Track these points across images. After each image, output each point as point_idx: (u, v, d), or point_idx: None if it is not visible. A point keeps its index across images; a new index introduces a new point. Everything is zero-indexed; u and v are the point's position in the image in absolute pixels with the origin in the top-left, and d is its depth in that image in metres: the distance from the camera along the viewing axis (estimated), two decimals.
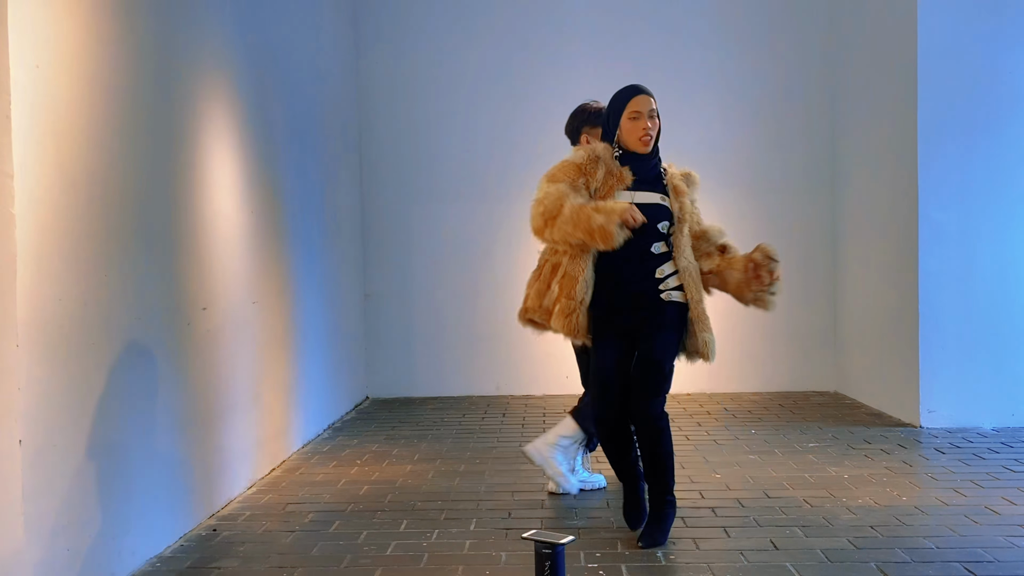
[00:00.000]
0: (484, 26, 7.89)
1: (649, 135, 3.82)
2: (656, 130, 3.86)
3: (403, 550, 3.80)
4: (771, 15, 7.83)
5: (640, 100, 3.83)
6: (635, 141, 3.82)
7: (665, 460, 3.85)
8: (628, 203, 3.70)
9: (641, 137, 3.81)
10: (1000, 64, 6.10)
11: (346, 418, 6.89)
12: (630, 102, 3.83)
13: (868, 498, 4.44)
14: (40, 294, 2.98)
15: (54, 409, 3.05)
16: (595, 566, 3.56)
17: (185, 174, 4.19)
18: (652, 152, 3.88)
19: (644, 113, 3.81)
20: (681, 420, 6.49)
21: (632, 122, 3.82)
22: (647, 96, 3.85)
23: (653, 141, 3.85)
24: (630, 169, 3.83)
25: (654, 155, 3.90)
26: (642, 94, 3.85)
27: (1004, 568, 3.47)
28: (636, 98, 3.83)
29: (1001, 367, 6.12)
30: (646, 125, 3.81)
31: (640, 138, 3.81)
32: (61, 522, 3.08)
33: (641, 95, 3.84)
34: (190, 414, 4.15)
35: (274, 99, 5.57)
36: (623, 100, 3.86)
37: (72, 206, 3.19)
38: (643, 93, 3.85)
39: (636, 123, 3.81)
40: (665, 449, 3.84)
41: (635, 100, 3.83)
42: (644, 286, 3.82)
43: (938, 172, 6.12)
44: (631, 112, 3.82)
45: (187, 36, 4.26)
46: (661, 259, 3.84)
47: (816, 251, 7.76)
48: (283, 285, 5.62)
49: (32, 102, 2.96)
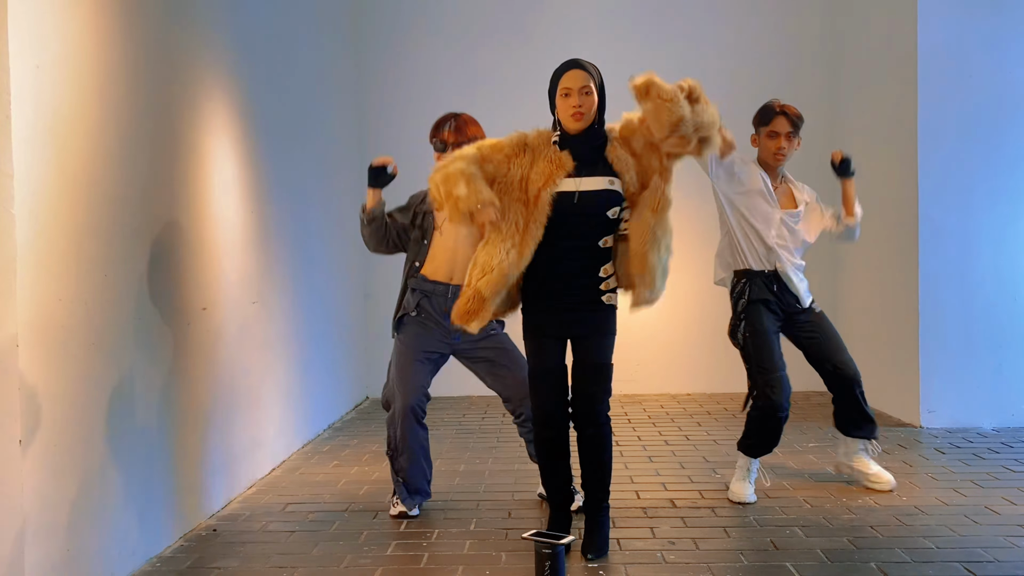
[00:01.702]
0: (486, 25, 7.89)
1: (579, 112, 3.59)
2: (591, 106, 3.61)
3: (403, 550, 3.80)
4: (771, 15, 7.83)
5: (570, 76, 3.62)
6: (567, 119, 3.62)
7: (609, 466, 3.77)
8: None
9: (572, 115, 3.60)
10: (1000, 64, 6.10)
11: (346, 418, 6.89)
12: (561, 79, 3.64)
13: (868, 498, 4.44)
14: (40, 294, 2.98)
15: (54, 409, 3.05)
16: (595, 566, 3.56)
17: (185, 174, 4.19)
18: (592, 131, 3.65)
19: (575, 89, 3.59)
20: (681, 420, 6.50)
21: (564, 99, 3.62)
22: (579, 71, 3.63)
23: (587, 118, 3.61)
24: (571, 153, 3.62)
25: (596, 134, 3.67)
26: (573, 69, 3.63)
27: (1004, 568, 3.47)
28: (567, 74, 3.63)
29: (1001, 367, 6.12)
30: (576, 102, 3.59)
31: (571, 115, 3.60)
32: (61, 522, 3.08)
33: (572, 71, 3.63)
34: (190, 414, 4.15)
35: (274, 99, 5.57)
36: (555, 78, 3.67)
37: (72, 206, 3.19)
38: (575, 68, 3.64)
39: (567, 100, 3.61)
40: (610, 455, 3.77)
41: (565, 77, 3.63)
42: (586, 283, 3.65)
43: (938, 172, 6.12)
44: (562, 89, 3.63)
45: (187, 36, 4.26)
46: (607, 255, 3.68)
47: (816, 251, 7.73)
48: (283, 285, 5.62)
49: (32, 102, 2.96)
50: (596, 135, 3.68)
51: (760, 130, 4.57)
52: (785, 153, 4.53)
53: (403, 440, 4.20)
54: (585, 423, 3.74)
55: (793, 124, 4.51)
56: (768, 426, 4.39)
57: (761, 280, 4.46)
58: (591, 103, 3.63)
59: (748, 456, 4.48)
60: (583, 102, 3.60)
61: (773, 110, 4.53)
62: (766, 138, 4.53)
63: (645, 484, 4.75)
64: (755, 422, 4.42)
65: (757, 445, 4.46)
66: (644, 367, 7.59)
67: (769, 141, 4.53)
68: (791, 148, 4.54)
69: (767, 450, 4.48)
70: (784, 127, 4.50)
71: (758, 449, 4.47)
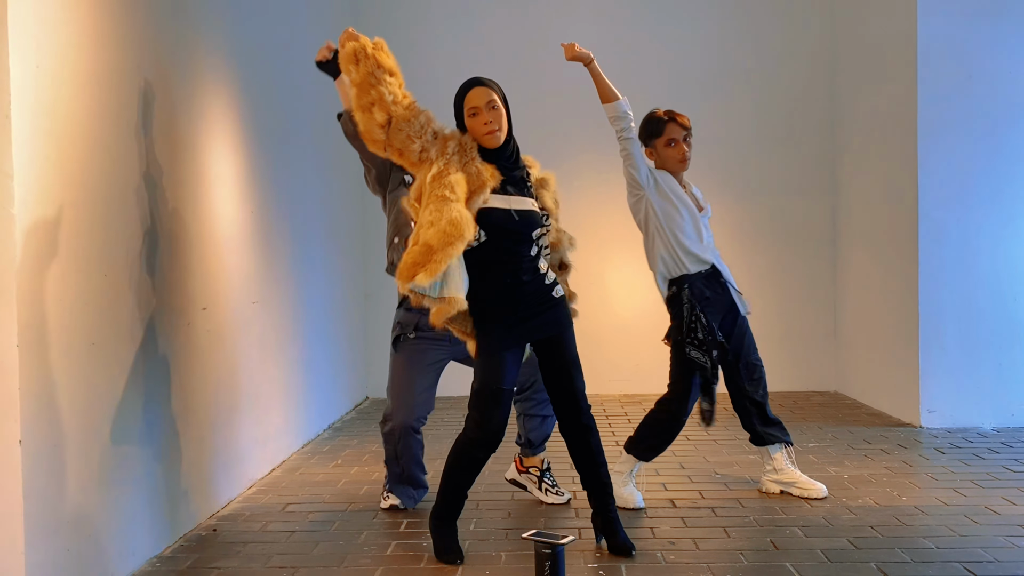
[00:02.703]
0: (485, 24, 7.90)
1: (492, 128, 3.55)
2: (500, 119, 3.58)
3: (403, 550, 3.80)
4: (771, 15, 7.84)
5: (474, 94, 3.59)
6: (482, 137, 3.58)
7: (605, 458, 3.77)
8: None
9: (486, 132, 3.56)
10: (1000, 64, 6.10)
11: (346, 418, 6.89)
12: (465, 99, 3.61)
13: (868, 498, 4.45)
14: (40, 294, 2.98)
15: (54, 409, 3.05)
16: (595, 566, 3.56)
17: (185, 174, 4.19)
18: (508, 148, 3.63)
19: (482, 106, 3.56)
20: None
21: (473, 119, 3.59)
22: (481, 88, 3.60)
23: (502, 131, 3.58)
24: (497, 168, 3.59)
25: (513, 150, 3.66)
26: (475, 87, 3.61)
27: (1004, 568, 3.47)
28: (469, 93, 3.60)
29: (1001, 367, 6.12)
30: (486, 119, 3.55)
31: (485, 133, 3.56)
32: (61, 522, 3.08)
33: (474, 89, 3.61)
34: (190, 414, 4.15)
35: (274, 99, 5.57)
36: (459, 100, 3.64)
37: (72, 206, 3.18)
38: (476, 86, 3.61)
39: (477, 119, 3.58)
40: (602, 446, 3.77)
41: (469, 96, 3.60)
42: (537, 286, 3.65)
43: (938, 172, 6.13)
44: (469, 109, 3.59)
45: (187, 35, 4.26)
46: (538, 259, 3.69)
47: (816, 251, 7.76)
48: (283, 285, 5.62)
49: (32, 102, 2.96)
50: (513, 151, 3.66)
51: (654, 142, 4.44)
52: (688, 157, 4.46)
53: (402, 455, 4.31)
54: (580, 425, 3.71)
55: (684, 127, 4.44)
56: (675, 430, 4.39)
57: (701, 281, 4.39)
58: (500, 115, 3.59)
59: (641, 460, 4.43)
60: (492, 117, 3.57)
61: (662, 120, 4.42)
62: (665, 147, 4.42)
63: (645, 484, 4.75)
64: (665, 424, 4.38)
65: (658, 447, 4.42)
66: (644, 367, 7.59)
67: (671, 149, 4.42)
68: (689, 151, 4.46)
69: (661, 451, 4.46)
70: (679, 132, 4.41)
71: (656, 451, 4.43)
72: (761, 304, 7.50)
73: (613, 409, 7.01)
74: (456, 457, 3.66)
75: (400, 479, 4.37)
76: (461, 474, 3.68)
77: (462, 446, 3.64)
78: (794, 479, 4.51)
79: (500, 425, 3.58)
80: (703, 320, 4.31)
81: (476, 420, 3.59)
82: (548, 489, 4.47)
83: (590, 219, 7.56)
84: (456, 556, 3.62)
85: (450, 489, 3.70)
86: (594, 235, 7.45)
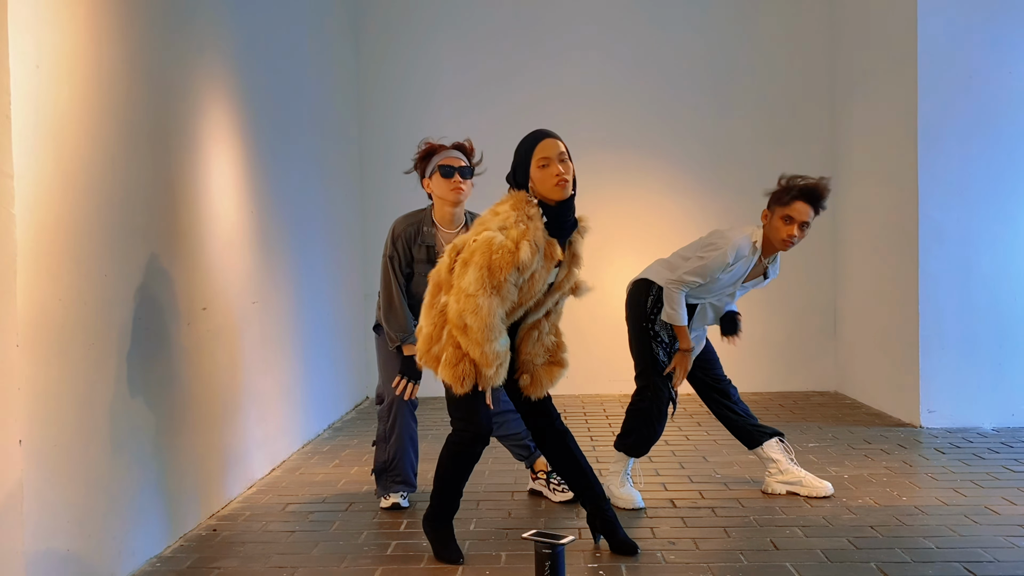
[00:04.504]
0: (486, 25, 7.89)
1: (564, 179, 3.46)
2: (571, 172, 3.51)
3: (403, 550, 3.80)
4: (771, 15, 7.84)
5: (545, 145, 3.50)
6: (551, 189, 3.48)
7: (588, 463, 3.81)
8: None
9: (557, 184, 3.46)
10: (1000, 64, 6.10)
11: (346, 418, 6.89)
12: (535, 149, 3.50)
13: (868, 498, 4.45)
14: (40, 294, 2.98)
15: (54, 409, 3.05)
16: (595, 566, 3.56)
17: (185, 174, 4.20)
18: (572, 199, 3.55)
19: (553, 158, 3.47)
20: (681, 420, 6.49)
21: (543, 170, 3.47)
22: (553, 140, 3.52)
23: (570, 185, 3.51)
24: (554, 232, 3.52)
25: (571, 207, 3.57)
26: (547, 139, 3.52)
27: (1004, 568, 3.47)
28: (541, 144, 3.50)
29: (1001, 367, 6.12)
30: (557, 170, 3.46)
31: (555, 184, 3.46)
32: (61, 522, 3.08)
33: (546, 140, 3.52)
34: (190, 414, 4.15)
35: (274, 99, 5.57)
36: (527, 148, 3.53)
37: (72, 206, 3.19)
38: (548, 137, 3.53)
39: (547, 171, 3.47)
40: (581, 451, 3.81)
41: (540, 147, 3.50)
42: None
43: (938, 172, 6.13)
44: (539, 160, 3.48)
45: (187, 35, 4.26)
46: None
47: (816, 251, 7.76)
48: (283, 285, 5.62)
49: (32, 102, 2.96)
50: (571, 209, 3.58)
51: (775, 209, 4.20)
52: (796, 243, 4.19)
53: (393, 430, 4.32)
54: (551, 423, 3.76)
55: (815, 210, 4.12)
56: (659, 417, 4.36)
57: None
58: (570, 169, 3.52)
59: (632, 456, 4.42)
60: (564, 169, 3.48)
61: (791, 191, 4.12)
62: (781, 221, 4.18)
63: (645, 484, 4.75)
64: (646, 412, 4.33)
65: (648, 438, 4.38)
66: None
67: (785, 226, 4.16)
68: (801, 238, 4.17)
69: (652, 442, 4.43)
70: (804, 215, 4.11)
71: (647, 443, 4.39)
72: (761, 304, 7.51)
73: (613, 409, 7.01)
74: (450, 457, 3.67)
75: (385, 466, 4.37)
76: (456, 472, 3.69)
77: (455, 445, 3.66)
78: (799, 478, 4.50)
79: (488, 418, 3.62)
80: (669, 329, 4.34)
81: (463, 419, 3.63)
82: (555, 488, 4.48)
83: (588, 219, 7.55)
84: (456, 556, 3.62)
85: (445, 489, 3.70)
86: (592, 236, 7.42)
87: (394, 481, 4.40)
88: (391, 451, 4.36)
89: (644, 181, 7.88)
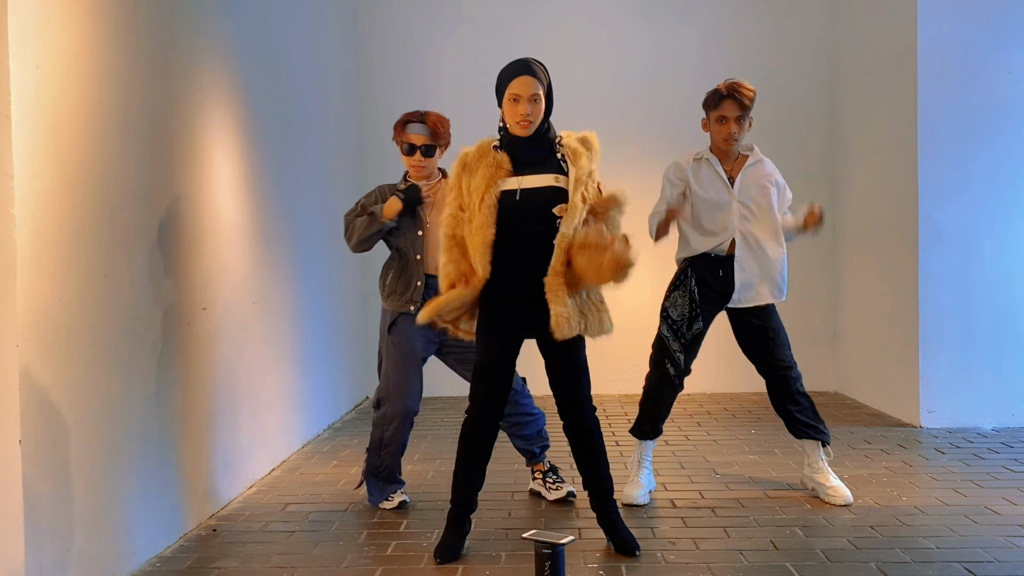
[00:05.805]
0: (485, 23, 7.89)
1: (527, 121, 3.54)
2: (538, 115, 3.56)
3: (403, 550, 3.80)
4: (771, 14, 7.84)
5: (520, 82, 3.54)
6: (513, 126, 3.58)
7: (607, 460, 3.80)
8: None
9: (519, 123, 3.55)
10: (1000, 64, 6.10)
11: (346, 418, 6.89)
12: (509, 84, 3.56)
13: (868, 498, 4.45)
14: (40, 294, 2.98)
15: (54, 409, 3.05)
16: (595, 566, 3.56)
17: (185, 174, 4.19)
18: (536, 136, 3.60)
19: (524, 97, 3.53)
20: (681, 420, 6.49)
21: (511, 104, 3.55)
22: (529, 77, 3.54)
23: (533, 127, 3.57)
24: (510, 154, 3.59)
25: (542, 138, 3.62)
26: (523, 75, 3.55)
27: (1004, 568, 3.47)
28: (516, 80, 3.55)
29: (1001, 367, 6.12)
30: (524, 110, 3.53)
31: (518, 123, 3.56)
32: (61, 522, 3.08)
33: (522, 76, 3.55)
34: (190, 414, 4.15)
35: (274, 98, 5.57)
36: (503, 79, 3.59)
37: (72, 206, 3.19)
38: (525, 73, 3.55)
39: (515, 107, 3.54)
40: (604, 449, 3.80)
41: (515, 82, 3.55)
42: (535, 270, 3.57)
43: (938, 172, 6.13)
44: (510, 94, 3.55)
45: (187, 35, 4.26)
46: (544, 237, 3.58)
47: (816, 251, 7.76)
48: (283, 285, 5.62)
49: (32, 102, 2.96)
50: (542, 139, 3.63)
51: (710, 114, 4.40)
52: (737, 138, 4.37)
53: (393, 441, 4.32)
54: (580, 421, 3.73)
55: (742, 106, 4.32)
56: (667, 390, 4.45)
57: (704, 263, 4.43)
58: (538, 111, 3.57)
59: (646, 440, 4.50)
60: (532, 110, 3.55)
61: (719, 93, 4.35)
62: (715, 123, 4.38)
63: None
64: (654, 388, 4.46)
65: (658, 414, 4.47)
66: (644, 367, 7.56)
67: (720, 126, 4.37)
68: (742, 132, 4.37)
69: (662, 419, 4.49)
70: (733, 111, 4.33)
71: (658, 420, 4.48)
72: None
73: (613, 409, 7.01)
74: (463, 436, 3.73)
75: (377, 471, 4.38)
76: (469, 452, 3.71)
77: (467, 426, 3.73)
78: (823, 482, 4.42)
79: (493, 397, 3.67)
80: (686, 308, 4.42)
81: (473, 394, 3.72)
82: (549, 486, 4.49)
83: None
84: (447, 555, 3.63)
85: (461, 471, 3.74)
86: None
87: (389, 481, 4.42)
88: (386, 460, 4.36)
89: (644, 182, 7.87)
